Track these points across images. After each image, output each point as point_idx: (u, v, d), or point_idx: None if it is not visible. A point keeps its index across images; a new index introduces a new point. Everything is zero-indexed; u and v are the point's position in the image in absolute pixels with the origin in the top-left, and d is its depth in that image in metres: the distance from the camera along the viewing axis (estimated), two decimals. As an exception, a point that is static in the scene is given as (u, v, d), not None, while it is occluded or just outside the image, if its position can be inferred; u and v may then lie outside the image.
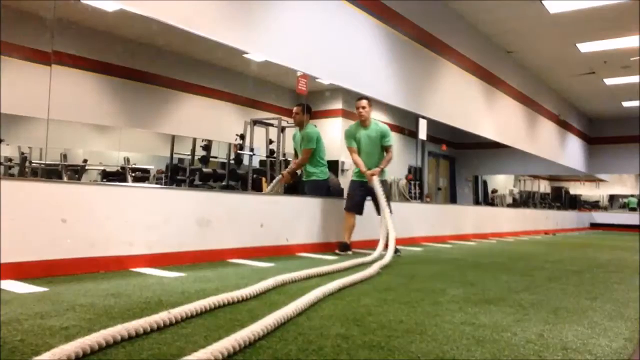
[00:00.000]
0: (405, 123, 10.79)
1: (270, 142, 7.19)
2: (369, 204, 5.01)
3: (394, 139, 5.00)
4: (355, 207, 4.90)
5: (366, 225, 5.22)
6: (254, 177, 6.92)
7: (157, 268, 3.50)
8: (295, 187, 7.34)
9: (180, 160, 8.16)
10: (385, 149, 4.87)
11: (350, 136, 4.83)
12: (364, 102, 4.80)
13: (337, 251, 4.82)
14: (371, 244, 5.56)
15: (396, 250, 4.62)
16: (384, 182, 4.86)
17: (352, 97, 5.09)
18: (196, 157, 7.79)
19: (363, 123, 4.82)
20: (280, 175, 5.38)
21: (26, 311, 2.11)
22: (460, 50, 8.26)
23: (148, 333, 1.82)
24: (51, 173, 6.77)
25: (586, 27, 8.36)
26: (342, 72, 5.81)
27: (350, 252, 4.81)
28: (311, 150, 5.05)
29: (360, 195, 4.88)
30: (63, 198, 3.19)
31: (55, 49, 5.52)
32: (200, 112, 8.02)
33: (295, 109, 5.19)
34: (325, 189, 5.33)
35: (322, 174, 5.21)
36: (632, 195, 18.46)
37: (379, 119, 5.09)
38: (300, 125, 5.20)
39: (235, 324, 2.00)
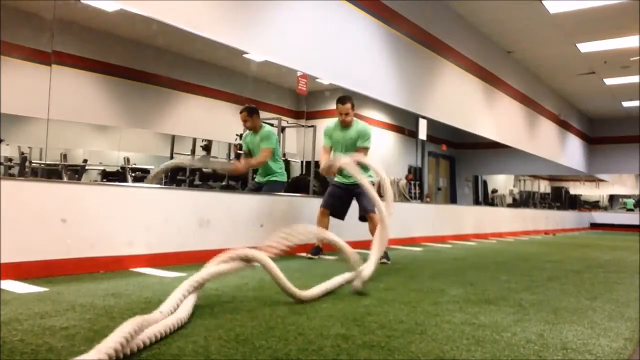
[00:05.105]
0: (406, 123, 10.80)
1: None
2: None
3: (391, 138, 4.65)
4: (335, 210, 4.50)
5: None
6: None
7: (157, 268, 3.50)
8: (296, 186, 7.34)
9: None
10: (357, 150, 4.37)
11: (327, 134, 4.52)
12: (348, 107, 4.35)
13: (308, 255, 4.49)
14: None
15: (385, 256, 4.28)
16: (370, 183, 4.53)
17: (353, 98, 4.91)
18: (196, 157, 7.79)
19: (344, 124, 4.46)
20: (229, 163, 4.88)
21: (26, 311, 2.11)
22: (460, 50, 8.26)
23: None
24: (51, 173, 6.77)
25: (586, 27, 8.35)
26: (342, 72, 5.80)
27: (322, 256, 4.50)
28: (271, 149, 4.77)
29: (340, 197, 4.49)
30: (63, 198, 3.19)
31: (55, 49, 5.52)
32: (200, 112, 8.02)
33: (241, 115, 4.85)
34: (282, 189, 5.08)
35: (282, 176, 4.96)
36: (629, 196, 18.48)
37: (378, 119, 4.94)
38: (254, 128, 4.87)
39: (235, 324, 2.00)
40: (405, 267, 4.20)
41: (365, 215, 4.43)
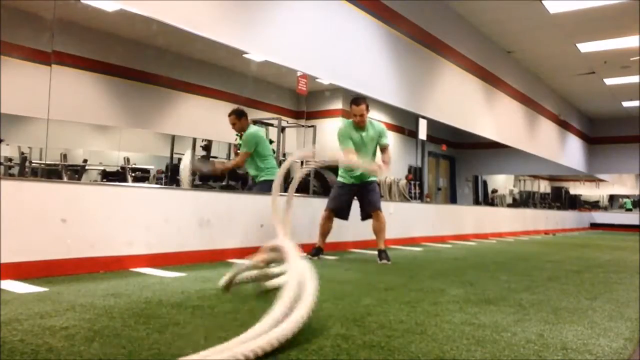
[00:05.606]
0: (406, 123, 10.80)
1: (270, 142, 7.19)
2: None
3: (391, 138, 4.72)
4: (341, 212, 4.56)
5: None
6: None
7: (157, 268, 3.50)
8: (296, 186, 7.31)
9: (180, 160, 8.16)
10: (382, 149, 4.52)
11: (345, 137, 4.43)
12: (363, 108, 4.35)
13: (307, 255, 4.48)
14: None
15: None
16: (375, 182, 4.57)
17: (352, 97, 4.94)
18: (196, 157, 7.78)
19: (359, 125, 4.45)
20: (210, 162, 5.11)
21: (26, 311, 2.11)
22: (460, 50, 8.26)
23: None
24: (51, 173, 6.77)
25: (586, 27, 8.35)
26: (342, 71, 5.80)
27: (322, 257, 4.53)
28: (246, 153, 4.82)
29: (347, 199, 4.55)
30: (63, 198, 3.19)
31: (55, 49, 5.52)
32: (200, 112, 8.02)
33: (230, 118, 4.90)
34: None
35: (270, 174, 4.90)
36: (628, 197, 18.50)
37: (378, 119, 4.94)
38: (241, 130, 4.92)
39: (235, 324, 2.00)
40: (405, 267, 4.20)
41: (370, 212, 4.48)
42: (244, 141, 4.90)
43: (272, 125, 7.11)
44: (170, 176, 7.62)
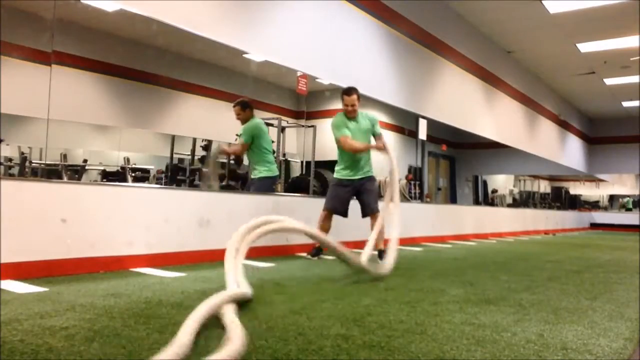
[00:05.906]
0: (406, 123, 10.79)
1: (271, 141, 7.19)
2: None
3: (392, 138, 4.73)
4: (340, 210, 4.53)
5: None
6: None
7: (157, 268, 3.50)
8: (296, 186, 7.32)
9: (180, 160, 8.16)
10: (377, 138, 4.57)
11: (341, 125, 4.43)
12: (354, 99, 4.37)
13: (308, 255, 4.58)
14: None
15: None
16: (373, 179, 4.61)
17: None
18: (196, 157, 7.79)
19: (351, 116, 4.46)
20: (218, 148, 5.26)
21: (26, 311, 2.11)
22: (460, 50, 8.26)
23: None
24: (51, 173, 6.77)
25: (586, 27, 8.35)
26: (342, 72, 5.80)
27: (322, 257, 4.54)
28: (244, 145, 4.82)
29: (345, 197, 4.53)
30: (63, 198, 3.19)
31: (55, 49, 5.52)
32: (200, 112, 8.02)
33: (235, 109, 4.91)
34: (272, 186, 5.06)
35: (267, 171, 4.91)
36: (628, 196, 18.50)
37: (379, 119, 4.91)
38: (245, 122, 4.92)
39: (235, 324, 2.00)
40: (405, 267, 4.19)
41: (368, 214, 4.48)
42: (243, 132, 4.89)
43: (272, 125, 7.11)
44: (170, 176, 7.62)
